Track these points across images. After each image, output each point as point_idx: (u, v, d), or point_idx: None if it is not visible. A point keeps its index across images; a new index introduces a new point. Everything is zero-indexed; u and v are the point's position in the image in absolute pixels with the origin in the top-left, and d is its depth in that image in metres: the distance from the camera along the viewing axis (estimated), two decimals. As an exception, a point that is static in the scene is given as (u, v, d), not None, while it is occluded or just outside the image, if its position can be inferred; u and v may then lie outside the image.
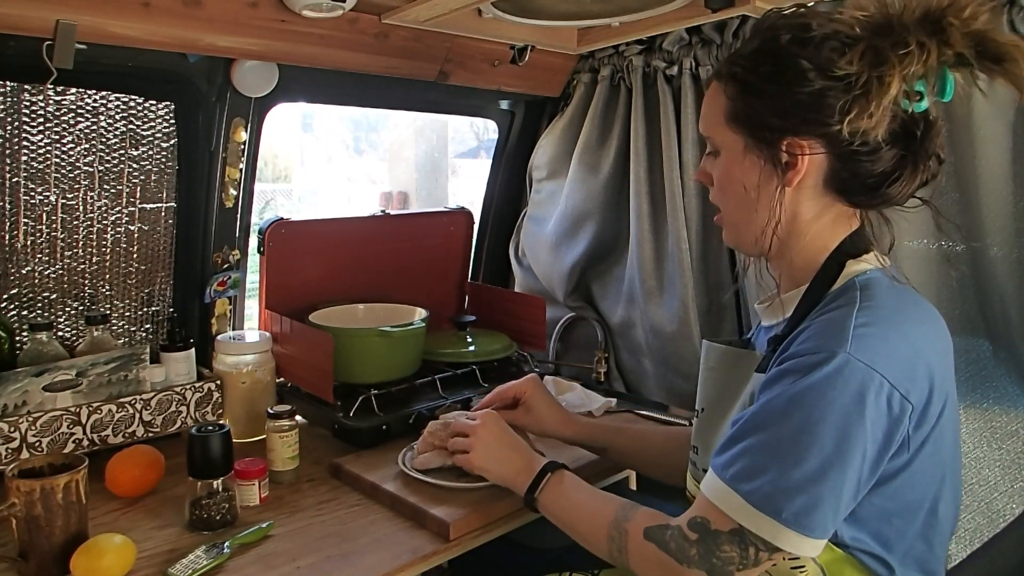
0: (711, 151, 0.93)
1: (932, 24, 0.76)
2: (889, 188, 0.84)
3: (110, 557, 0.92)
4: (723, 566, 0.79)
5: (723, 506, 0.79)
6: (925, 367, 0.79)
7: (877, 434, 0.75)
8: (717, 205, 0.95)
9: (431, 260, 1.78)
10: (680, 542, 0.82)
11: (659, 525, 0.85)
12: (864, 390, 0.74)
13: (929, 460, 0.81)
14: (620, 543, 0.88)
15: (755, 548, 0.77)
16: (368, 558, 0.99)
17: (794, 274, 0.90)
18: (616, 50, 1.69)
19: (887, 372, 0.75)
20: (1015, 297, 1.24)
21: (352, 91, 1.64)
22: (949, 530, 0.89)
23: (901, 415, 0.76)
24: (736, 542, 0.78)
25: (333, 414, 1.35)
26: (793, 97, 0.81)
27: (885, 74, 0.76)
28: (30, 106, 1.24)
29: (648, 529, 0.86)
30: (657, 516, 0.87)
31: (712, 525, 0.80)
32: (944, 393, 0.81)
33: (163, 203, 1.44)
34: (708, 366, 0.98)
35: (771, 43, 0.84)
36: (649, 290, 1.67)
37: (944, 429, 0.82)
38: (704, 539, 0.80)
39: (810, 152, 0.84)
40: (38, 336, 1.27)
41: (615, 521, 0.90)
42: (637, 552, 0.86)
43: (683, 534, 0.82)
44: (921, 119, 0.82)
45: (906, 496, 0.81)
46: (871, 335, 0.77)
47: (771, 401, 0.79)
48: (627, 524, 0.88)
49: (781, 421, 0.77)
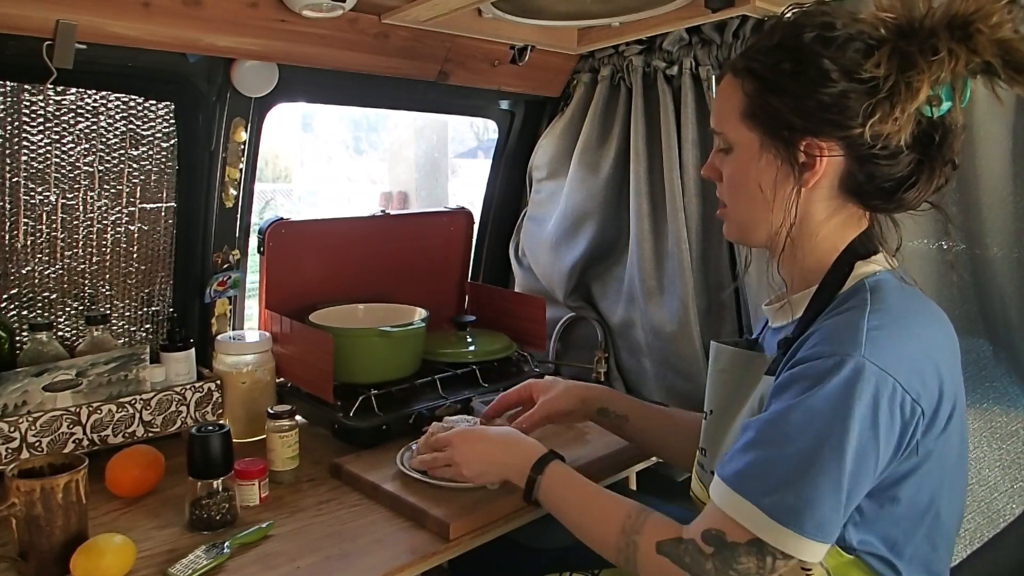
0: (722, 147, 0.91)
1: (960, 30, 0.75)
2: (905, 193, 0.83)
3: (110, 557, 0.92)
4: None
5: (739, 518, 0.78)
6: (935, 370, 0.79)
7: (890, 440, 0.75)
8: (723, 201, 0.94)
9: (431, 260, 1.78)
10: (695, 556, 0.80)
11: (672, 539, 0.83)
12: (878, 396, 0.74)
13: (937, 463, 0.81)
14: (629, 554, 0.87)
15: (772, 558, 0.77)
16: (368, 558, 0.99)
17: (804, 275, 0.89)
18: (616, 50, 1.69)
19: (900, 376, 0.75)
20: (1015, 297, 1.24)
21: (352, 91, 1.64)
22: (954, 531, 0.89)
23: (911, 419, 0.76)
24: (754, 553, 0.77)
25: (333, 414, 1.35)
26: (815, 97, 0.80)
27: (914, 79, 0.75)
28: (30, 106, 1.24)
29: (661, 543, 0.84)
30: (668, 526, 0.85)
31: (728, 537, 0.78)
32: (953, 395, 0.81)
33: (163, 203, 1.44)
34: (718, 368, 0.97)
35: (793, 40, 0.82)
36: (649, 290, 1.67)
37: (952, 432, 0.82)
38: (720, 552, 0.79)
39: (829, 154, 0.82)
40: (38, 336, 1.27)
41: (625, 531, 0.88)
42: (649, 565, 0.85)
43: (698, 547, 0.80)
44: (940, 124, 0.81)
45: (914, 499, 0.81)
46: (884, 338, 0.76)
47: (787, 410, 0.78)
48: (638, 537, 0.86)
49: (799, 432, 0.76)
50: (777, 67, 0.83)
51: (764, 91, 0.84)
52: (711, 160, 0.94)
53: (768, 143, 0.85)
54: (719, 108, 0.91)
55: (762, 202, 0.87)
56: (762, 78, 0.84)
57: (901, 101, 0.76)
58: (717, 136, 0.92)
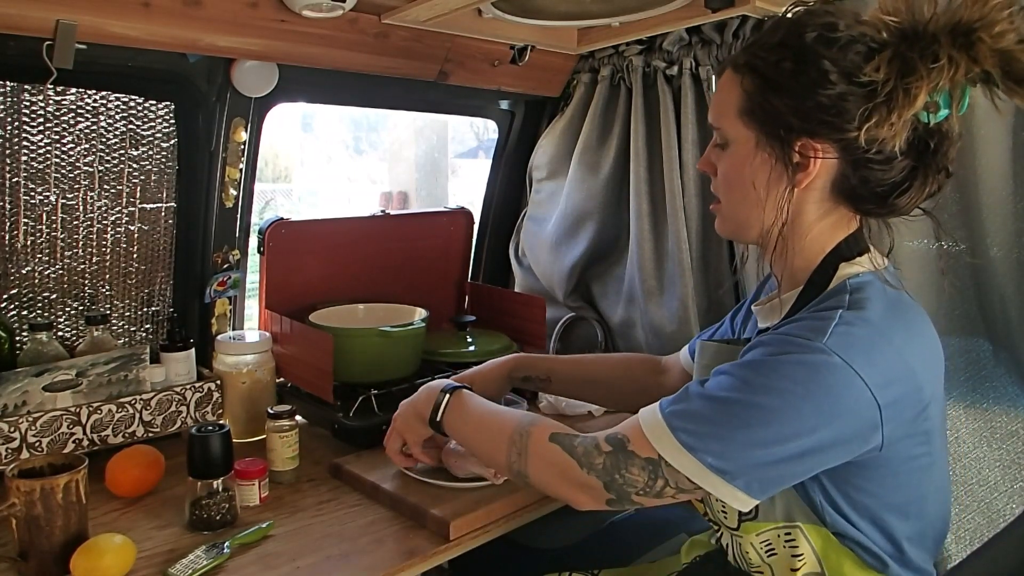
0: (719, 142, 0.91)
1: (962, 37, 0.74)
2: (898, 199, 0.83)
3: (110, 557, 0.92)
4: (624, 485, 0.80)
5: (651, 436, 0.80)
6: (907, 372, 0.78)
7: (836, 426, 0.75)
8: (717, 196, 0.94)
9: (431, 260, 1.78)
10: (589, 448, 0.83)
11: (568, 433, 0.86)
12: (833, 382, 0.74)
13: (913, 465, 0.81)
14: (521, 445, 0.88)
15: (664, 481, 0.79)
16: (368, 558, 1.00)
17: (794, 274, 0.90)
18: (616, 50, 1.69)
19: (863, 371, 0.75)
20: (1015, 297, 1.24)
21: (352, 91, 1.64)
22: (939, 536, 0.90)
23: (869, 413, 0.76)
24: (648, 470, 0.79)
25: (333, 414, 1.35)
26: (814, 98, 0.80)
27: (912, 85, 0.75)
28: (30, 106, 1.24)
29: (556, 434, 0.87)
30: (566, 427, 0.88)
31: (630, 446, 0.81)
32: (929, 397, 0.81)
33: (163, 203, 1.44)
34: (702, 364, 0.97)
35: (796, 39, 0.82)
36: (649, 290, 1.67)
37: (931, 435, 0.82)
38: (616, 454, 0.81)
39: (823, 155, 0.82)
40: (38, 336, 1.27)
41: (519, 426, 0.90)
42: (537, 453, 0.87)
43: (596, 444, 0.83)
44: (936, 131, 0.81)
45: (888, 498, 0.81)
46: (852, 335, 0.77)
47: (737, 366, 0.80)
48: (532, 427, 0.89)
49: (742, 385, 0.77)
50: (778, 65, 0.82)
51: (763, 89, 0.84)
52: (707, 154, 0.94)
53: (764, 141, 0.85)
54: (718, 103, 0.91)
55: (755, 200, 0.87)
56: (762, 76, 0.84)
57: (898, 106, 0.75)
58: (715, 131, 0.92)
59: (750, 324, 1.05)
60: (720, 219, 0.95)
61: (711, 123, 0.92)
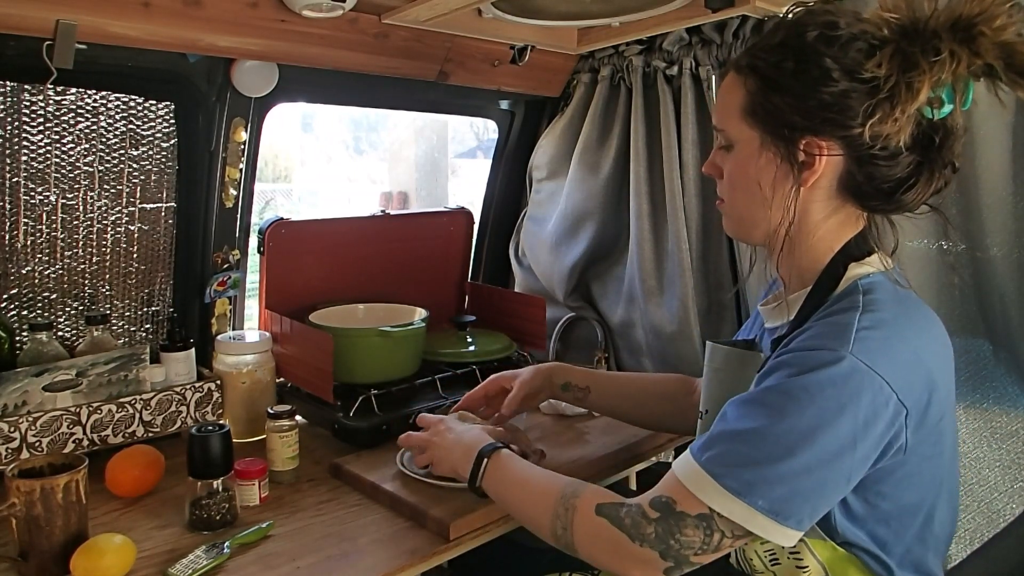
0: (723, 144, 0.91)
1: (963, 32, 0.75)
2: (904, 195, 0.83)
3: (110, 557, 0.91)
4: (681, 549, 0.76)
5: (694, 488, 0.76)
6: (925, 372, 0.79)
7: (872, 436, 0.75)
8: (723, 197, 0.94)
9: (431, 260, 1.78)
10: (637, 519, 0.78)
11: (614, 502, 0.82)
12: (862, 390, 0.74)
13: (927, 465, 0.81)
14: (566, 520, 0.84)
15: (720, 534, 0.76)
16: (368, 558, 0.99)
17: (801, 274, 0.90)
18: (616, 50, 1.69)
19: (887, 374, 0.75)
20: (1015, 297, 1.24)
21: (352, 91, 1.64)
22: (947, 536, 0.89)
23: (897, 417, 0.76)
24: (702, 527, 0.76)
25: (333, 414, 1.35)
26: (816, 96, 0.80)
27: (915, 80, 0.75)
28: (30, 106, 1.24)
29: (601, 505, 0.82)
30: (611, 494, 0.84)
31: (678, 507, 0.77)
32: (943, 399, 0.81)
33: (163, 203, 1.44)
34: (713, 367, 0.97)
35: (797, 39, 0.82)
36: (649, 290, 1.67)
37: (943, 435, 0.82)
38: (666, 519, 0.77)
39: (828, 153, 0.82)
40: (38, 336, 1.27)
41: (562, 497, 0.86)
42: (584, 528, 0.83)
43: (642, 511, 0.79)
44: (941, 126, 0.81)
45: (902, 499, 0.81)
46: (873, 338, 0.76)
47: (764, 392, 0.78)
48: (576, 500, 0.85)
49: (773, 413, 0.75)
50: (779, 65, 0.83)
51: (766, 89, 0.84)
52: (712, 157, 0.94)
53: (768, 141, 0.85)
54: (721, 105, 0.91)
55: (761, 200, 0.87)
56: (764, 76, 0.84)
57: (901, 102, 0.76)
58: (718, 133, 0.92)
59: (757, 324, 1.05)
60: (726, 219, 0.95)
61: (715, 125, 0.92)
